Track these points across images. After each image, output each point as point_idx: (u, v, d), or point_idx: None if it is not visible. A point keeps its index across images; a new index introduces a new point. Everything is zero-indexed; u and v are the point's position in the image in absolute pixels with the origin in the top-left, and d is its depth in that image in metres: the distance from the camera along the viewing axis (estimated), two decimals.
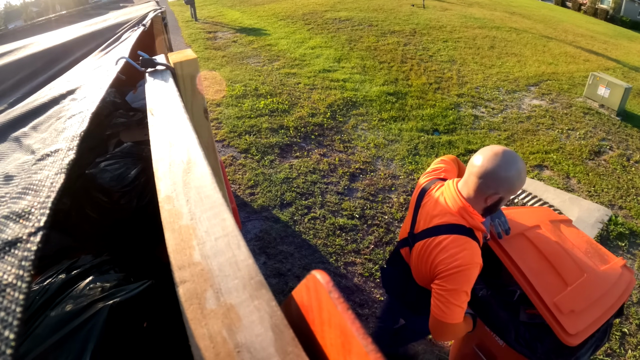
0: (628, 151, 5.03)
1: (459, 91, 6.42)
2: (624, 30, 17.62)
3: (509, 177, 1.22)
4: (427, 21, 11.03)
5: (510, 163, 1.22)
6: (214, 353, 0.31)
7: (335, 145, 4.64)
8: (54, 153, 0.55)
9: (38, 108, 0.84)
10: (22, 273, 0.32)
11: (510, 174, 1.22)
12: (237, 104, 5.60)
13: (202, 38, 9.62)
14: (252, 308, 0.34)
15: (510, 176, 1.22)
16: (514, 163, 1.22)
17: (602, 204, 3.88)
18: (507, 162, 1.22)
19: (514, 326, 1.52)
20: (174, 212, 0.48)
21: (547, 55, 9.07)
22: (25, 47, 1.54)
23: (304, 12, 11.82)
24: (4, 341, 0.26)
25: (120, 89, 2.13)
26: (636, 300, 2.85)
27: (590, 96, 6.42)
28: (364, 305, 2.69)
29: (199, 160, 0.58)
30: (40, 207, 0.41)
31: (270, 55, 7.98)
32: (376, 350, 0.30)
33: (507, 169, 1.22)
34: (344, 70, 7.09)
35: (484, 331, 1.78)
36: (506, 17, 13.36)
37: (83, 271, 0.94)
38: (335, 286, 0.35)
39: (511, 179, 1.22)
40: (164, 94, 0.86)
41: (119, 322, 0.79)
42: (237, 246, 0.41)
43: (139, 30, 1.45)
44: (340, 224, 3.37)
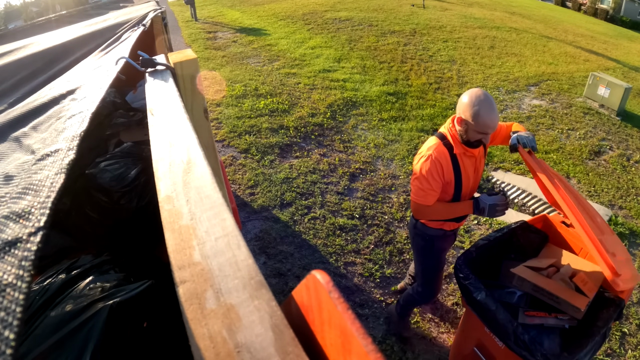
0: (628, 151, 5.03)
1: (459, 91, 6.42)
2: (624, 30, 17.62)
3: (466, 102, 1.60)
4: (427, 21, 11.03)
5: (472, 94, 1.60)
6: (214, 353, 0.31)
7: (335, 145, 4.64)
8: (54, 153, 0.55)
9: (38, 108, 0.84)
10: (22, 273, 0.32)
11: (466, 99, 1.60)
12: (237, 104, 5.60)
13: (202, 38, 9.62)
14: (252, 308, 0.34)
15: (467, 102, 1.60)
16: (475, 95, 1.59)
17: (602, 204, 3.88)
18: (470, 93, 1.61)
19: (512, 328, 1.53)
20: (174, 212, 0.48)
21: (547, 55, 9.07)
22: (25, 47, 1.54)
23: (304, 12, 11.82)
24: (4, 341, 0.26)
25: (120, 89, 2.13)
26: (636, 300, 2.85)
27: (590, 96, 6.42)
28: (364, 305, 2.69)
29: (199, 160, 0.58)
30: (40, 207, 0.41)
31: (270, 55, 7.98)
32: (376, 350, 0.30)
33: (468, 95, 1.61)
34: (344, 70, 7.09)
35: (484, 332, 1.78)
36: (506, 17, 13.36)
37: (83, 271, 0.94)
38: (335, 286, 0.35)
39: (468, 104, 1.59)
40: (164, 94, 0.86)
41: (119, 322, 0.79)
42: (237, 246, 0.41)
43: (139, 30, 1.45)
44: (340, 224, 3.37)
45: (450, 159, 1.73)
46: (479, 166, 1.86)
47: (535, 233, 2.03)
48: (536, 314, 1.70)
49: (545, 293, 1.72)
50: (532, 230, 2.03)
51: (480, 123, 1.58)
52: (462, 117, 1.64)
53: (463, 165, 1.76)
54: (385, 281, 2.88)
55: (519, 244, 2.02)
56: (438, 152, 1.71)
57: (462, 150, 1.73)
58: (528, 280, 1.76)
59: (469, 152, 1.75)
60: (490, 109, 1.57)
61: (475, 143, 1.69)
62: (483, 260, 1.92)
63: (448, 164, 1.72)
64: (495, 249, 1.97)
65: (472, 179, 1.84)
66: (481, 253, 1.91)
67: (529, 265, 1.85)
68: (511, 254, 2.01)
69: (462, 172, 1.76)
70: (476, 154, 1.79)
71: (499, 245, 1.98)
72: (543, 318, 1.69)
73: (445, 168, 1.72)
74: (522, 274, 1.80)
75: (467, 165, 1.77)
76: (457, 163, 1.74)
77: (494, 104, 1.59)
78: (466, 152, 1.74)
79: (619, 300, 1.65)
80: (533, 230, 2.03)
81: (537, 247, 2.00)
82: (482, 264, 1.92)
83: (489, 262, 1.97)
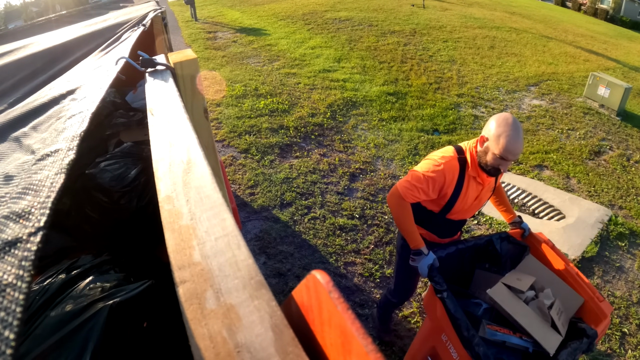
0: (628, 151, 5.03)
1: (459, 91, 6.42)
2: (624, 30, 17.61)
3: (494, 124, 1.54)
4: (427, 21, 11.02)
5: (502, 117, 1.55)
6: (214, 353, 0.31)
7: (335, 145, 4.64)
8: (54, 153, 0.55)
9: (38, 108, 0.84)
10: (22, 273, 0.32)
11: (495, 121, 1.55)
12: (237, 104, 5.60)
13: (202, 38, 9.62)
14: (252, 308, 0.34)
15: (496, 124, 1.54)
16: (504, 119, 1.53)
17: (602, 204, 3.88)
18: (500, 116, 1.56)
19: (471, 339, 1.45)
20: (174, 212, 0.48)
21: (547, 55, 9.07)
22: (25, 47, 1.54)
23: (304, 12, 11.82)
24: (4, 341, 0.26)
25: (120, 89, 2.13)
26: (636, 300, 2.85)
27: (590, 96, 6.42)
28: (364, 305, 2.69)
29: (199, 160, 0.58)
30: (40, 207, 0.41)
31: (270, 55, 7.98)
32: (376, 350, 0.30)
33: (497, 117, 1.56)
34: (344, 70, 7.09)
35: (440, 341, 1.73)
36: (506, 17, 13.36)
37: (83, 271, 0.94)
38: (335, 286, 0.35)
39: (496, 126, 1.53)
40: (164, 94, 0.86)
41: (119, 322, 0.79)
42: (237, 246, 0.41)
43: (139, 30, 1.45)
44: (340, 224, 3.37)
45: (457, 177, 1.65)
46: (483, 196, 1.77)
47: (514, 244, 1.92)
48: (499, 329, 1.59)
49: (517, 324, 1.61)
50: (512, 241, 1.92)
51: (503, 147, 1.50)
52: (485, 136, 1.57)
53: (467, 187, 1.68)
54: (385, 281, 2.88)
55: (496, 254, 1.91)
56: (449, 165, 1.63)
57: (474, 174, 1.65)
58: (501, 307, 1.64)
59: (480, 178, 1.67)
60: (516, 135, 1.49)
61: (491, 170, 1.60)
62: (453, 264, 1.83)
63: (453, 180, 1.65)
64: (469, 255, 1.87)
65: (470, 204, 1.75)
66: (452, 257, 1.81)
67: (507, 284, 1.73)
68: (486, 262, 1.91)
69: (462, 193, 1.68)
70: (485, 183, 1.70)
71: (474, 252, 1.88)
72: (506, 335, 1.57)
73: (448, 183, 1.65)
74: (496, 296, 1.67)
75: (470, 190, 1.69)
76: (462, 182, 1.66)
77: (521, 132, 1.52)
78: (478, 177, 1.66)
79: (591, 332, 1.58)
80: (512, 241, 1.92)
81: (516, 259, 1.90)
82: (453, 269, 1.83)
83: (461, 269, 1.88)
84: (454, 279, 1.85)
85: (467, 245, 1.84)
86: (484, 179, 1.67)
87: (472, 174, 1.65)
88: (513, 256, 1.91)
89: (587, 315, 1.69)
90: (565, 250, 3.21)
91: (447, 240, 1.93)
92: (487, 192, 1.78)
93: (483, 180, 1.67)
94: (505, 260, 1.91)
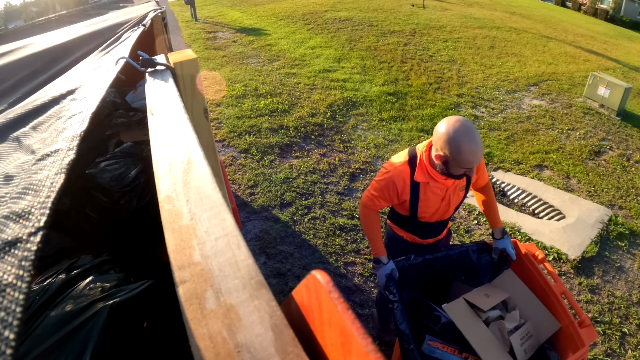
0: (628, 151, 5.03)
1: (459, 91, 6.42)
2: (624, 30, 17.61)
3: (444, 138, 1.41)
4: (427, 21, 11.02)
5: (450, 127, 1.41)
6: (214, 353, 0.31)
7: (335, 145, 4.64)
8: (54, 153, 0.55)
9: (38, 108, 0.84)
10: (22, 273, 0.32)
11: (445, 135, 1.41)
12: (237, 104, 5.60)
13: (202, 38, 9.62)
14: (252, 308, 0.34)
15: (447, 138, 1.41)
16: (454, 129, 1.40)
17: (602, 204, 3.88)
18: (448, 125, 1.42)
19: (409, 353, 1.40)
20: (174, 212, 0.48)
21: (547, 55, 9.07)
22: (25, 47, 1.54)
23: (304, 12, 11.82)
24: (4, 341, 0.26)
25: (120, 89, 2.13)
26: (636, 300, 2.85)
27: (590, 96, 6.42)
28: (364, 305, 2.69)
29: (199, 160, 0.58)
30: (40, 207, 0.41)
31: (270, 55, 7.98)
32: (376, 350, 0.30)
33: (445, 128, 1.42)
34: (344, 70, 7.09)
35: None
36: (506, 17, 13.36)
37: (83, 271, 0.94)
38: (335, 286, 0.35)
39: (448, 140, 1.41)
40: (164, 94, 0.86)
41: (119, 322, 0.79)
42: (237, 246, 0.41)
43: (139, 30, 1.45)
44: (340, 224, 3.37)
45: (410, 182, 1.60)
46: (452, 197, 1.68)
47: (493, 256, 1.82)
48: (442, 347, 1.49)
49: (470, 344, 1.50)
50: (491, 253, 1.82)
51: (463, 160, 1.40)
52: (440, 153, 1.45)
53: (424, 192, 1.62)
54: None
55: (472, 266, 1.81)
56: (397, 172, 1.60)
57: (426, 180, 1.58)
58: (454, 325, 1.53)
59: (438, 183, 1.59)
60: (472, 142, 1.38)
61: (457, 176, 1.53)
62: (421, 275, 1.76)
63: (405, 186, 1.60)
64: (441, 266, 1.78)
65: (437, 207, 1.68)
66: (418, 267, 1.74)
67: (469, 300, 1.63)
68: (461, 275, 1.82)
69: (421, 198, 1.63)
70: (449, 184, 1.61)
71: (447, 263, 1.78)
72: (446, 354, 1.47)
73: (401, 189, 1.61)
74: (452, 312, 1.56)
75: (430, 193, 1.63)
76: (417, 189, 1.61)
77: (476, 133, 1.41)
78: (431, 182, 1.59)
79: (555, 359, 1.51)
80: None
81: (496, 271, 1.81)
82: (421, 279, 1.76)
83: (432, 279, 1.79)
84: (425, 289, 1.77)
85: (436, 256, 1.75)
86: (443, 181, 1.59)
87: (425, 179, 1.58)
88: (493, 268, 1.82)
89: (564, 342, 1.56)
90: (565, 250, 3.21)
91: (430, 240, 1.90)
92: (455, 192, 1.69)
93: (443, 182, 1.59)
94: (484, 272, 1.82)
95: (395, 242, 1.94)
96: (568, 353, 1.52)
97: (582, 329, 1.53)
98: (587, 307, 2.79)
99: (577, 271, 3.05)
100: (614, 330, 2.61)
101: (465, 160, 1.41)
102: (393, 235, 1.95)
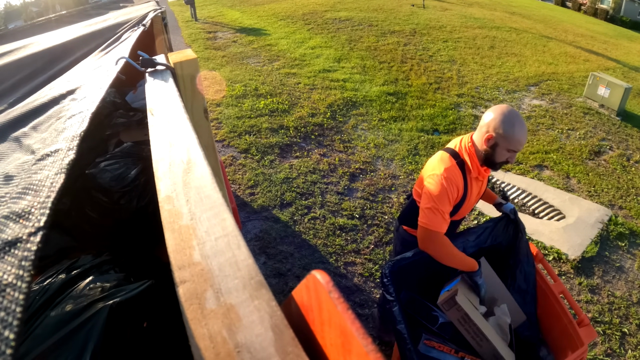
0: (628, 151, 5.03)
1: (459, 91, 6.42)
2: (624, 30, 17.61)
3: (499, 118, 1.47)
4: (427, 21, 11.02)
5: (502, 110, 1.48)
6: (214, 353, 0.31)
7: (335, 145, 4.64)
8: (54, 153, 0.55)
9: (38, 108, 0.84)
10: (22, 273, 0.32)
11: (499, 116, 1.47)
12: (237, 104, 5.60)
13: (202, 38, 9.62)
14: (252, 308, 0.34)
15: (501, 118, 1.47)
16: (507, 111, 1.48)
17: (602, 204, 3.88)
18: (500, 109, 1.49)
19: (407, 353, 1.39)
20: (174, 212, 0.48)
21: (547, 55, 9.07)
22: (25, 47, 1.54)
23: (304, 12, 11.82)
24: (4, 341, 0.26)
25: (120, 89, 2.13)
26: (636, 300, 2.85)
27: (590, 96, 6.42)
28: (364, 305, 2.69)
29: (199, 160, 0.58)
30: (40, 207, 0.41)
31: (270, 55, 7.98)
32: (376, 350, 0.30)
33: (497, 111, 1.49)
34: (344, 70, 7.09)
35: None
36: (506, 17, 13.36)
37: (83, 271, 0.94)
38: (335, 286, 0.35)
39: (501, 120, 1.46)
40: (164, 94, 0.86)
41: (119, 322, 0.79)
42: (237, 246, 0.41)
43: (139, 30, 1.45)
44: (340, 224, 3.37)
45: (463, 182, 1.59)
46: (482, 189, 1.74)
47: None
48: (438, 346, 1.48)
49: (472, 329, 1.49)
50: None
51: (515, 140, 1.46)
52: (493, 134, 1.49)
53: (471, 188, 1.63)
54: None
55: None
56: (454, 174, 1.56)
57: (475, 175, 1.61)
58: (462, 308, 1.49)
59: (481, 175, 1.62)
60: (523, 125, 1.47)
61: (499, 165, 1.55)
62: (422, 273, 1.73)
63: (460, 186, 1.59)
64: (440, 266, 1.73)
65: (472, 202, 1.72)
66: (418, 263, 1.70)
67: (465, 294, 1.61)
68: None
69: (468, 195, 1.64)
70: (484, 179, 1.67)
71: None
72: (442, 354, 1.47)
73: (457, 194, 1.60)
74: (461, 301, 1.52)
75: (474, 189, 1.65)
76: (467, 185, 1.60)
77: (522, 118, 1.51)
78: (479, 175, 1.62)
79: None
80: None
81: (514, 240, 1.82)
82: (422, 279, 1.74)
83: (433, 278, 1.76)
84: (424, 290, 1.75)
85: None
86: (484, 175, 1.65)
87: (474, 175, 1.61)
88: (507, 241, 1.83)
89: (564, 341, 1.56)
90: (565, 250, 3.21)
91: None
92: (485, 184, 1.77)
93: (483, 176, 1.66)
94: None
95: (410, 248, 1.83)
96: (567, 352, 1.52)
97: (581, 328, 1.53)
98: (587, 307, 2.79)
99: (577, 271, 3.05)
100: (614, 330, 2.61)
101: (517, 141, 1.47)
102: (408, 239, 1.89)
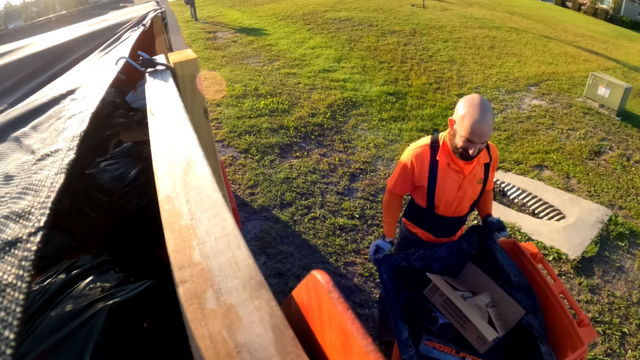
0: (628, 151, 5.03)
1: (459, 91, 6.42)
2: (624, 30, 17.61)
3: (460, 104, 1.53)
4: (427, 21, 11.02)
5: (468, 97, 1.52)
6: (214, 353, 0.31)
7: (335, 145, 4.64)
8: (54, 153, 0.55)
9: (38, 108, 0.84)
10: (22, 273, 0.32)
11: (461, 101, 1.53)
12: (237, 104, 5.60)
13: (202, 38, 9.62)
14: (252, 308, 0.34)
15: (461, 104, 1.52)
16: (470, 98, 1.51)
17: (602, 204, 3.88)
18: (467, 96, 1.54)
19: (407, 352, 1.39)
20: (174, 212, 0.48)
21: (547, 55, 9.06)
22: (25, 47, 1.54)
23: (304, 12, 11.82)
24: (4, 341, 0.26)
25: (120, 89, 2.13)
26: (636, 300, 2.85)
27: (590, 96, 6.42)
28: (364, 305, 2.69)
29: (199, 160, 0.58)
30: (40, 207, 0.41)
31: (270, 55, 7.98)
32: (376, 350, 0.30)
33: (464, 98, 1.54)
34: (344, 70, 7.09)
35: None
36: (506, 17, 13.35)
37: (83, 271, 0.94)
38: (335, 286, 0.35)
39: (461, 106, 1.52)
40: (164, 94, 0.86)
41: (119, 322, 0.79)
42: (237, 246, 0.41)
43: (139, 30, 1.45)
44: (340, 224, 3.37)
45: (428, 163, 1.65)
46: (468, 187, 1.69)
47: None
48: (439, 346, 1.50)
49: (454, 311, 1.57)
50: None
51: (465, 126, 1.47)
52: (453, 118, 1.57)
53: (443, 176, 1.65)
54: None
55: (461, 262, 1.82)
56: (418, 151, 1.67)
57: (446, 160, 1.63)
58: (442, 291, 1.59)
59: (457, 166, 1.63)
60: (480, 115, 1.44)
61: (462, 153, 1.55)
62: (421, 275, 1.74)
63: (424, 166, 1.65)
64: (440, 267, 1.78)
65: (453, 196, 1.69)
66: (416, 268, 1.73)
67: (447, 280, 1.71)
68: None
69: (439, 183, 1.66)
70: (465, 172, 1.65)
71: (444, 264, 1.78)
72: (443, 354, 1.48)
73: (419, 170, 1.66)
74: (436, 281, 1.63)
75: (448, 179, 1.65)
76: (435, 171, 1.65)
77: (489, 112, 1.46)
78: (452, 164, 1.63)
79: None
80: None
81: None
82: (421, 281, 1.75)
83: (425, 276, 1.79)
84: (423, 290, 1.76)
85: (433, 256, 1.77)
86: (461, 166, 1.63)
87: (446, 160, 1.63)
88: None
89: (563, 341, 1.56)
90: (565, 250, 3.21)
91: (444, 240, 1.89)
92: (472, 182, 1.70)
93: (461, 167, 1.63)
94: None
95: (408, 241, 1.95)
96: (567, 352, 1.51)
97: (581, 328, 1.52)
98: (587, 307, 2.79)
99: (577, 271, 3.05)
100: (614, 330, 2.61)
101: (465, 128, 1.48)
102: (407, 234, 1.95)
